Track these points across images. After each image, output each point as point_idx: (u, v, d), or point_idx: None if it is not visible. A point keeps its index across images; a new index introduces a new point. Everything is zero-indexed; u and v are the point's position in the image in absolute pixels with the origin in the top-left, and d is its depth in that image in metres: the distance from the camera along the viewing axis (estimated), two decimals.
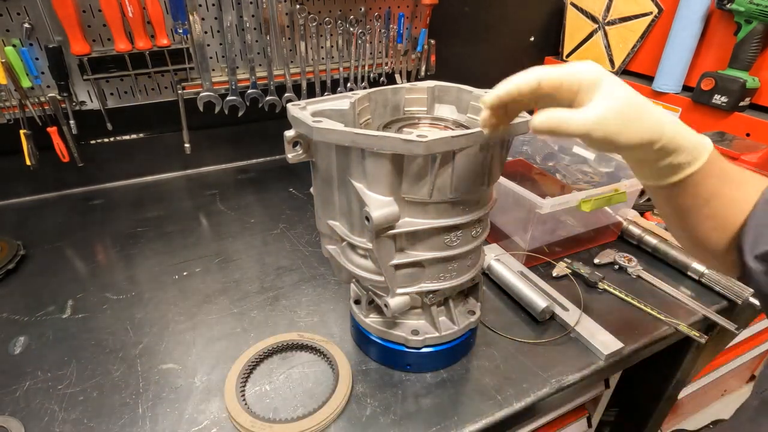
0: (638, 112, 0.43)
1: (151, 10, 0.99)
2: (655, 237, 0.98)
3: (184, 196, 1.20)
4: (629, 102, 0.43)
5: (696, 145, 0.45)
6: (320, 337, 0.72)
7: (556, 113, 0.42)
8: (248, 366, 0.68)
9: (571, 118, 0.42)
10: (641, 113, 0.43)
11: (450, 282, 0.62)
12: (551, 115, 0.42)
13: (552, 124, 0.42)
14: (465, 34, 1.52)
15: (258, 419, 0.60)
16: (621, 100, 0.42)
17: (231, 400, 0.62)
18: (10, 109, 0.98)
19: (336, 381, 0.66)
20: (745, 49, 1.12)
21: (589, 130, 0.41)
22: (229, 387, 0.64)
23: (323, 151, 0.55)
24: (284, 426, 0.59)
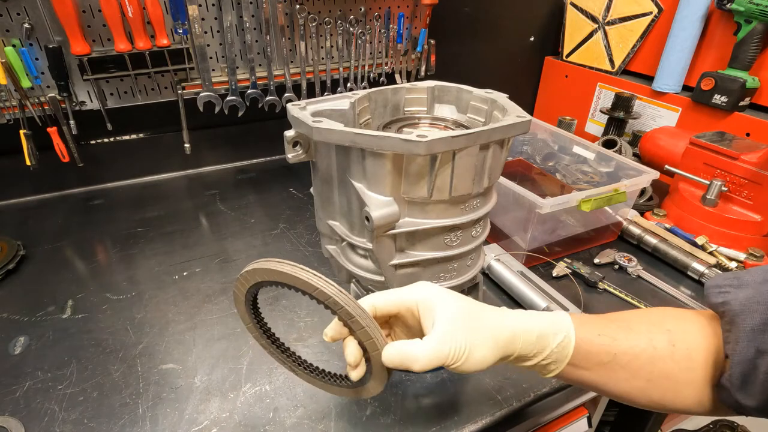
0: (476, 330, 0.43)
1: (151, 10, 0.99)
2: (655, 237, 0.98)
3: (184, 196, 1.20)
4: (467, 318, 0.43)
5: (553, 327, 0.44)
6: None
7: (401, 348, 0.42)
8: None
9: (412, 352, 0.41)
10: (480, 330, 0.43)
11: (450, 282, 0.62)
12: (396, 350, 0.42)
13: (397, 360, 0.42)
14: (465, 34, 1.52)
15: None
16: (455, 323, 0.42)
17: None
18: (10, 109, 0.98)
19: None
20: (745, 49, 1.12)
21: (434, 359, 0.41)
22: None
23: (323, 151, 0.55)
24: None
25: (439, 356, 0.41)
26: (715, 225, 0.99)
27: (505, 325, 0.44)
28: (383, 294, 0.46)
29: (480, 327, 0.43)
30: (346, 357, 0.44)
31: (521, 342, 0.44)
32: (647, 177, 0.96)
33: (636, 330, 0.47)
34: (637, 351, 0.45)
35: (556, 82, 1.68)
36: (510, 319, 0.45)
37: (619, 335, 0.46)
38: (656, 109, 1.36)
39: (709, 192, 1.00)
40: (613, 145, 1.25)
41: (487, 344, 0.43)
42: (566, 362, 0.45)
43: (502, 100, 0.60)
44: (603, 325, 0.47)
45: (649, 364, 0.45)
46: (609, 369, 0.45)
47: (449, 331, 0.42)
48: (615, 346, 0.45)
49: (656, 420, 1.12)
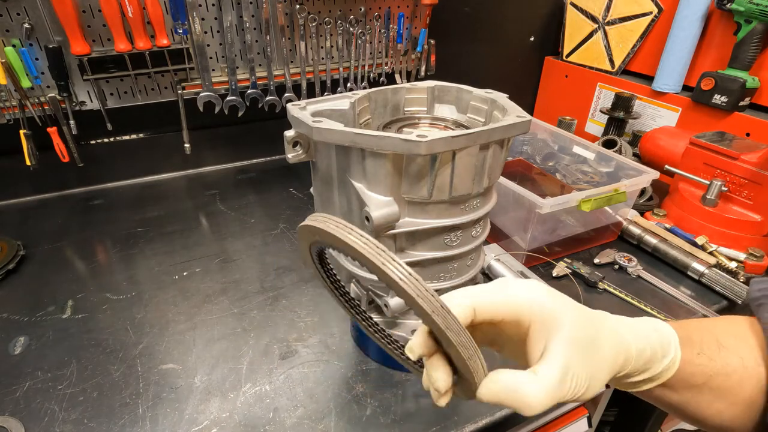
0: (598, 357, 0.35)
1: (151, 10, 0.99)
2: (655, 237, 0.98)
3: (184, 196, 1.20)
4: (589, 343, 0.35)
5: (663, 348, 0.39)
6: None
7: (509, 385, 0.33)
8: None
9: (525, 395, 0.32)
10: (601, 355, 0.35)
11: (450, 282, 0.62)
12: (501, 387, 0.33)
13: (500, 399, 0.33)
14: (465, 34, 1.52)
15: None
16: (577, 352, 0.33)
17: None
18: (10, 109, 0.98)
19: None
20: (745, 49, 1.12)
21: (553, 402, 0.32)
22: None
23: (323, 151, 0.55)
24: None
25: (558, 397, 0.32)
26: (715, 225, 0.99)
27: (623, 347, 0.37)
28: (489, 292, 0.35)
29: (601, 352, 0.35)
30: (433, 382, 0.33)
31: (632, 365, 0.38)
32: (647, 177, 0.96)
33: (726, 346, 0.42)
34: (729, 371, 0.41)
35: (556, 82, 1.68)
36: (626, 336, 0.38)
37: (714, 353, 0.41)
38: (656, 109, 1.36)
39: (709, 192, 1.00)
40: (613, 145, 1.25)
41: (607, 371, 0.35)
42: (660, 382, 0.40)
43: (502, 100, 0.60)
44: (701, 339, 0.42)
45: (738, 387, 0.41)
46: (698, 392, 0.41)
47: (572, 364, 0.33)
48: (711, 367, 0.40)
49: (656, 420, 1.12)
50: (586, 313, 0.37)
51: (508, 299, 0.35)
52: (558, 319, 0.34)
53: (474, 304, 0.34)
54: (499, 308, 0.34)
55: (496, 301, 0.35)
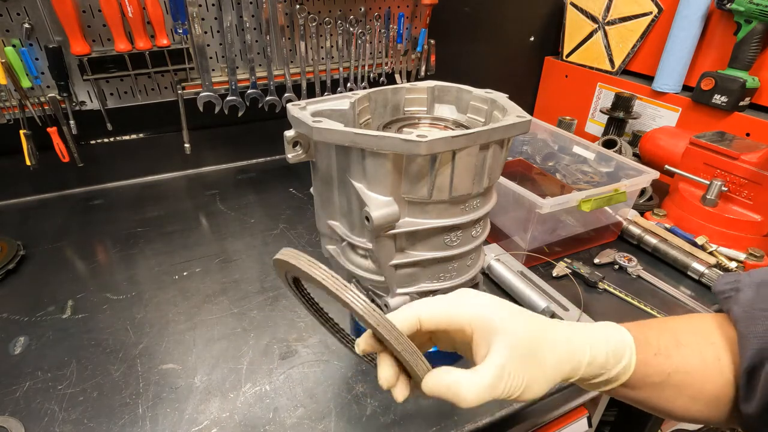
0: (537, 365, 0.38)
1: (151, 10, 0.99)
2: (655, 237, 0.98)
3: (184, 196, 1.20)
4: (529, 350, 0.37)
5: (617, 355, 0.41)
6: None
7: (447, 381, 0.36)
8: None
9: (460, 390, 0.35)
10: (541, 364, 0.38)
11: (450, 282, 0.62)
12: (438, 381, 0.36)
13: (438, 393, 0.36)
14: (465, 34, 1.52)
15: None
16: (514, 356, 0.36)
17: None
18: (10, 109, 0.98)
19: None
20: (745, 49, 1.12)
21: (487, 397, 0.35)
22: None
23: (323, 151, 0.55)
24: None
25: (491, 395, 0.36)
26: (715, 225, 0.99)
27: (572, 357, 0.39)
28: (431, 305, 0.40)
29: (542, 361, 0.38)
30: (380, 378, 0.39)
31: (582, 371, 0.40)
32: (647, 177, 0.96)
33: (686, 344, 0.44)
34: (689, 369, 0.43)
35: (556, 82, 1.68)
36: (577, 347, 0.40)
37: (672, 351, 0.43)
38: (656, 109, 1.36)
39: (709, 192, 1.00)
40: (613, 145, 1.26)
41: (547, 379, 0.38)
42: (619, 383, 0.42)
43: (502, 100, 0.60)
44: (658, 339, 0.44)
45: (699, 383, 0.43)
46: (659, 389, 0.43)
47: (507, 368, 0.36)
48: (669, 364, 0.43)
49: (656, 420, 1.12)
50: (532, 324, 0.39)
51: (450, 311, 0.39)
52: (499, 328, 0.38)
53: (418, 315, 0.39)
54: (442, 319, 0.39)
55: (439, 313, 0.39)
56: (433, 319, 0.39)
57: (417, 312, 0.39)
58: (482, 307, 0.39)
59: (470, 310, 0.39)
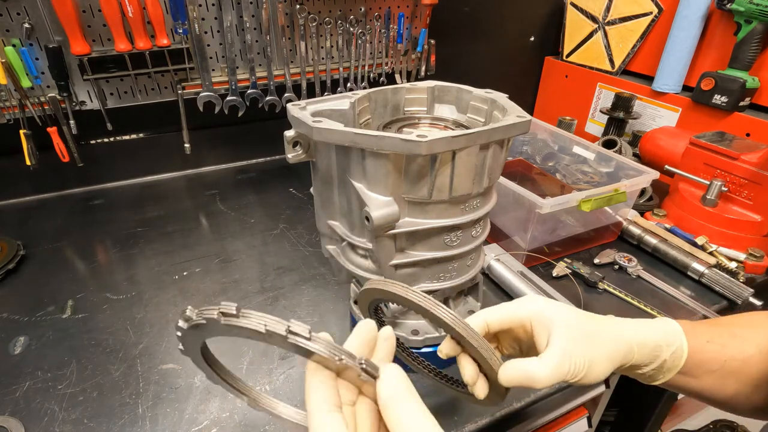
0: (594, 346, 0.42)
1: (151, 10, 0.99)
2: (655, 237, 0.98)
3: (184, 196, 1.20)
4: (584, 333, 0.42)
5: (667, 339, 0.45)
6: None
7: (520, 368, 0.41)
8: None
9: (533, 373, 0.40)
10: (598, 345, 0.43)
11: (450, 282, 0.62)
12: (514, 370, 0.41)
13: (516, 380, 0.41)
14: (465, 34, 1.52)
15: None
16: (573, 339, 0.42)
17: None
18: (10, 109, 0.98)
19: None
20: (745, 49, 1.12)
21: (556, 377, 0.40)
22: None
23: (323, 151, 0.55)
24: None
25: (560, 374, 0.40)
26: (715, 225, 0.99)
27: (623, 339, 0.44)
28: (495, 310, 0.46)
29: (598, 342, 0.43)
30: (464, 377, 0.44)
31: (636, 354, 0.44)
32: (647, 177, 0.96)
33: (741, 336, 0.47)
34: (746, 356, 0.45)
35: (556, 82, 1.68)
36: (626, 331, 0.44)
37: (727, 341, 0.46)
38: (656, 109, 1.36)
39: (709, 192, 1.00)
40: (613, 145, 1.26)
41: (606, 358, 0.42)
42: (676, 371, 0.45)
43: (502, 100, 0.60)
44: (711, 331, 0.47)
45: (757, 371, 0.45)
46: (718, 377, 0.46)
47: (568, 348, 0.41)
48: (724, 353, 0.45)
49: (656, 420, 1.12)
50: (583, 314, 0.45)
51: (510, 311, 0.45)
52: (554, 319, 0.43)
53: (485, 319, 0.45)
54: (504, 319, 0.45)
55: (501, 315, 0.45)
56: (497, 321, 0.45)
57: (484, 317, 0.45)
58: (538, 305, 0.45)
59: (528, 308, 0.45)
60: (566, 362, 0.40)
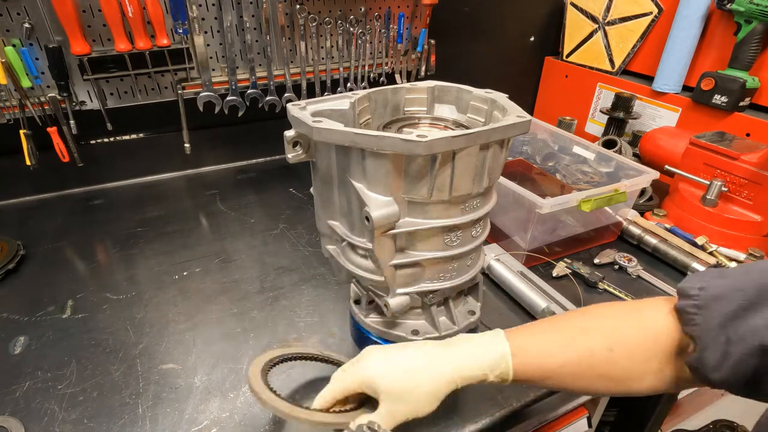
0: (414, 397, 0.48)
1: (151, 10, 0.99)
2: (655, 237, 0.98)
3: (184, 196, 1.20)
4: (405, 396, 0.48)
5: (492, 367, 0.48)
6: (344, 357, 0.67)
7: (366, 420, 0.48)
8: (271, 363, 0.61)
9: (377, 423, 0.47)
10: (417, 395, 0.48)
11: (450, 282, 0.62)
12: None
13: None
14: (465, 34, 1.52)
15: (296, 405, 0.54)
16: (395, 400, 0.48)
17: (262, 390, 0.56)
18: (10, 109, 0.98)
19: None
20: (745, 49, 1.12)
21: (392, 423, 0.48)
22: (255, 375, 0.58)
23: (323, 151, 0.55)
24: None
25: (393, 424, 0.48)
26: (715, 225, 0.99)
27: (443, 380, 0.48)
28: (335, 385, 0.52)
29: (418, 395, 0.48)
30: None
31: (459, 383, 0.49)
32: (647, 177, 0.96)
33: (574, 339, 0.50)
34: (575, 361, 0.49)
35: (556, 82, 1.68)
36: (448, 370, 0.49)
37: (555, 350, 0.49)
38: (656, 109, 1.36)
39: (709, 192, 1.00)
40: (613, 145, 1.26)
41: (427, 402, 0.48)
42: (508, 382, 0.50)
43: (502, 100, 0.60)
44: (540, 340, 0.50)
45: (589, 370, 0.49)
46: (554, 380, 0.50)
47: (390, 410, 0.48)
48: (553, 362, 0.49)
49: (656, 420, 1.12)
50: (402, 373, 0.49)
51: (345, 384, 0.51)
52: (379, 384, 0.49)
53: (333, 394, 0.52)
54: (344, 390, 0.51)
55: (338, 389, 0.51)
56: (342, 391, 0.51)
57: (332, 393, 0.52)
58: (366, 370, 0.50)
59: (357, 379, 0.50)
60: (392, 421, 0.48)
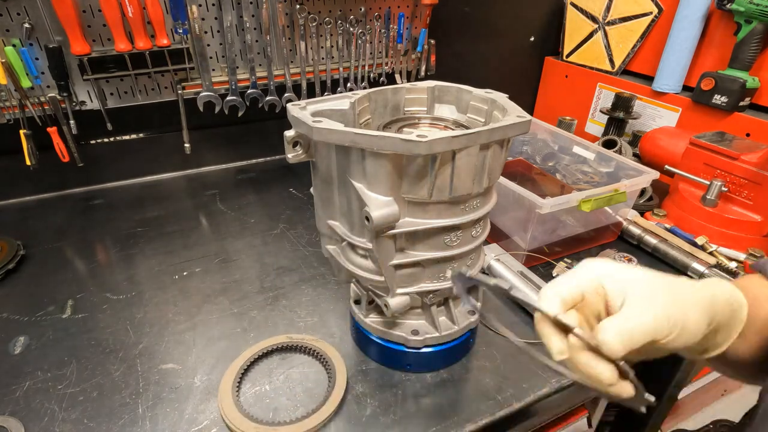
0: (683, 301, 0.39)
1: (151, 10, 0.99)
2: (655, 237, 0.98)
3: (184, 196, 1.20)
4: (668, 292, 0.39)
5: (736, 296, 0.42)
6: (311, 337, 0.72)
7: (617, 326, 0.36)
8: (242, 370, 0.67)
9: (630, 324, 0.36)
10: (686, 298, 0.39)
11: (450, 282, 0.62)
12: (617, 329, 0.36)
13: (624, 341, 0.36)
14: (465, 34, 1.52)
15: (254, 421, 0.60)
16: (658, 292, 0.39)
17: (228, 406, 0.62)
18: (10, 109, 0.98)
19: (332, 381, 0.65)
20: (745, 49, 1.12)
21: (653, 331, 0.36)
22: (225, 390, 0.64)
23: (323, 151, 0.55)
24: (277, 428, 0.59)
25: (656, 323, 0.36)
26: (715, 225, 0.99)
27: (704, 289, 0.41)
28: (562, 283, 0.41)
29: (683, 293, 0.39)
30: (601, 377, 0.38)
31: (720, 307, 0.41)
32: (647, 177, 0.96)
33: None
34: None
35: (556, 82, 1.68)
36: (701, 283, 0.42)
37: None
38: (656, 109, 1.36)
39: (709, 192, 1.00)
40: (613, 145, 1.26)
41: (697, 309, 0.39)
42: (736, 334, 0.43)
43: (502, 100, 0.60)
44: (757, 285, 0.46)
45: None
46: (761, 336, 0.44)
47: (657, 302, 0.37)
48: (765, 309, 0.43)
49: (656, 420, 1.12)
50: (655, 273, 0.41)
51: (581, 277, 0.41)
52: (629, 276, 0.40)
53: (559, 294, 0.40)
54: (577, 288, 0.40)
55: (572, 285, 0.40)
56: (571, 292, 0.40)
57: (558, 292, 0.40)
58: (605, 266, 0.41)
59: (597, 272, 0.41)
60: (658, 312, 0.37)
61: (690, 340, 0.38)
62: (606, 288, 0.40)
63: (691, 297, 0.39)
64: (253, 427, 0.59)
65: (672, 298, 0.38)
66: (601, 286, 0.40)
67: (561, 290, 0.40)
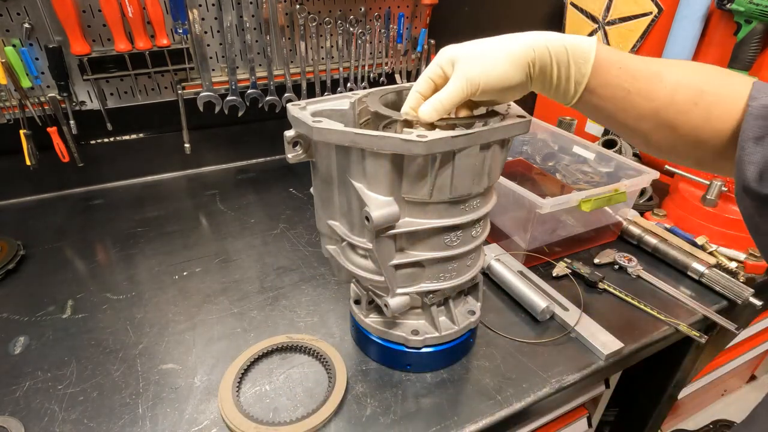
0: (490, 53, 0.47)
1: (151, 10, 0.99)
2: (655, 237, 0.98)
3: (184, 196, 1.20)
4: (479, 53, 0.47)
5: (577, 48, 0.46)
6: (311, 337, 0.72)
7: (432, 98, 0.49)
8: (242, 370, 0.67)
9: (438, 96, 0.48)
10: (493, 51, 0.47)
11: (450, 282, 0.62)
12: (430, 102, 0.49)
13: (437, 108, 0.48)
14: (465, 34, 1.51)
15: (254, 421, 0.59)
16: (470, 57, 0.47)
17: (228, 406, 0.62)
18: (10, 109, 0.98)
19: (332, 381, 0.66)
20: (745, 49, 1.12)
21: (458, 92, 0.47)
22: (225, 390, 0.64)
23: (323, 151, 0.55)
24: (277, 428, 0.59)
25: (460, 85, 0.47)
26: (715, 225, 0.99)
27: (520, 43, 0.47)
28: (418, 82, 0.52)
29: (492, 52, 0.47)
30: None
31: (537, 51, 0.46)
32: (647, 177, 0.96)
33: (665, 80, 0.46)
34: (653, 96, 0.46)
35: None
36: (523, 37, 0.47)
37: (639, 76, 0.46)
38: None
39: (709, 192, 1.00)
40: (613, 145, 1.25)
41: (505, 60, 0.46)
42: (584, 84, 0.47)
43: None
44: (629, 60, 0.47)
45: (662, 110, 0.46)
46: (623, 102, 0.47)
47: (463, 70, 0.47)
48: (631, 84, 0.46)
49: (656, 420, 1.12)
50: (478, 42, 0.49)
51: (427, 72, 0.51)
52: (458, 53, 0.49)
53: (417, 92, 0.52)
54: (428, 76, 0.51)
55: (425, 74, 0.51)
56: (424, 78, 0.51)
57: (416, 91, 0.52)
58: (447, 50, 0.50)
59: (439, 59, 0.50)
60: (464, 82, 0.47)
61: (504, 84, 0.47)
62: (444, 70, 0.50)
63: (501, 53, 0.46)
64: (253, 427, 0.59)
65: (480, 62, 0.47)
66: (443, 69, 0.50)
67: (417, 87, 0.51)
